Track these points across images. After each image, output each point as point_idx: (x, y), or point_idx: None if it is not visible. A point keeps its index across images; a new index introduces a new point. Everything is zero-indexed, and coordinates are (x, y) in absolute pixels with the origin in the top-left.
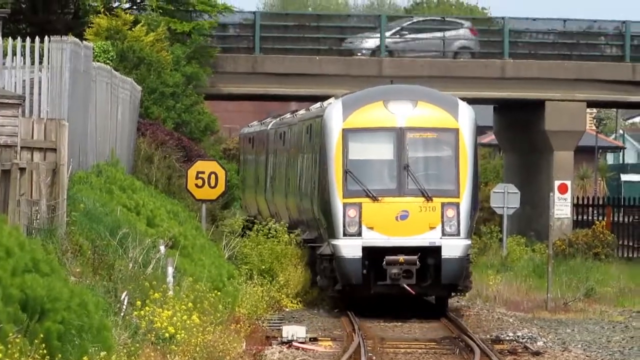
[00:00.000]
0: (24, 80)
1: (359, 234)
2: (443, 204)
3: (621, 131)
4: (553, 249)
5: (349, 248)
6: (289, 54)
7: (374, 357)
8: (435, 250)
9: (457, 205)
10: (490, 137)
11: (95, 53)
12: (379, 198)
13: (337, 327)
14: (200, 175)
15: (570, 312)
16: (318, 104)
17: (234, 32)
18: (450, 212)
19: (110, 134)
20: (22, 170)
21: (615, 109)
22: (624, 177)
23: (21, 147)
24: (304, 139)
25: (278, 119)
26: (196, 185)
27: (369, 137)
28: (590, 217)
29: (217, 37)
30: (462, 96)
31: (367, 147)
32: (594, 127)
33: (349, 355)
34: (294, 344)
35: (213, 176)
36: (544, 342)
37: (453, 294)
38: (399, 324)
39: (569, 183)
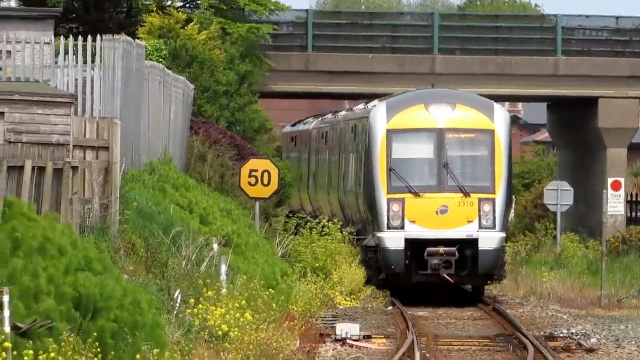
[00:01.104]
0: (76, 79)
1: (402, 227)
2: (480, 200)
3: None
4: (606, 246)
5: (393, 240)
6: (342, 52)
7: (428, 355)
8: (473, 242)
9: (493, 200)
10: (543, 135)
11: (148, 51)
12: (421, 194)
13: (391, 324)
14: (253, 173)
15: (624, 309)
16: (361, 105)
17: (287, 30)
18: (487, 207)
19: (163, 132)
20: (75, 168)
21: None
22: None
23: (73, 146)
24: (348, 138)
25: (320, 119)
26: (249, 183)
27: (411, 137)
28: None
29: (271, 35)
30: (516, 94)
31: (410, 146)
32: None
33: (402, 352)
34: (348, 341)
35: (266, 174)
36: (598, 339)
37: (489, 282)
38: (453, 321)
39: (622, 180)
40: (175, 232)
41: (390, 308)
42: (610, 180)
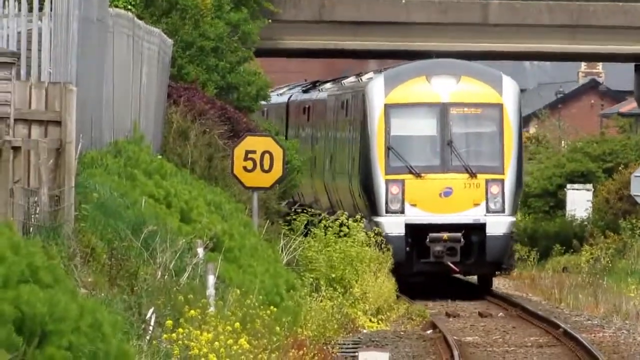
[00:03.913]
0: (19, 33)
1: (402, 211)
2: (487, 181)
3: None
4: None
5: (392, 225)
6: None
7: None
8: (480, 227)
9: (502, 181)
10: (630, 105)
11: None
12: (422, 174)
13: (431, 353)
14: (250, 155)
15: None
16: (353, 78)
17: None
18: (495, 189)
19: (132, 102)
20: (17, 149)
21: None
22: None
23: (15, 120)
24: (337, 114)
25: (298, 89)
26: (245, 168)
27: (412, 112)
28: None
29: None
30: (594, 51)
31: (410, 122)
32: None
33: None
34: None
35: (267, 156)
36: None
37: (497, 272)
38: (512, 348)
39: None
40: (147, 233)
41: (429, 332)
42: None
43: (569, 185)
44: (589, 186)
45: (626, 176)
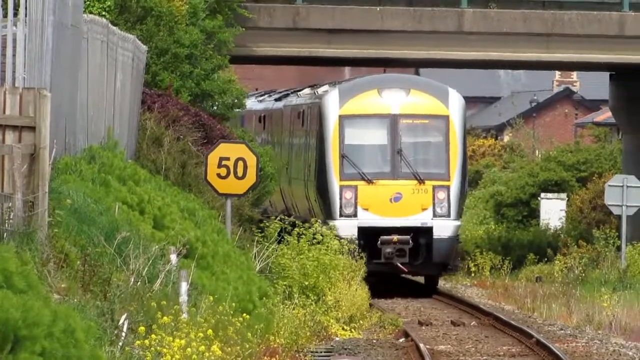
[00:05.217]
0: None
1: (355, 214)
2: (434, 187)
3: None
4: None
5: (346, 228)
6: (342, 4)
7: None
8: (427, 230)
9: (448, 188)
10: (605, 114)
11: (88, 2)
12: (374, 181)
13: None
14: (224, 162)
15: None
16: (308, 90)
17: None
18: (441, 195)
19: (106, 108)
20: None
21: None
22: None
23: None
24: (293, 124)
25: (254, 99)
26: (219, 175)
27: (364, 123)
28: None
29: None
30: (568, 60)
31: (363, 132)
32: None
33: None
34: None
35: (241, 163)
36: None
37: (443, 272)
38: (484, 357)
39: None
40: (121, 239)
41: (402, 340)
42: None
43: (542, 194)
44: (563, 195)
45: (600, 185)
